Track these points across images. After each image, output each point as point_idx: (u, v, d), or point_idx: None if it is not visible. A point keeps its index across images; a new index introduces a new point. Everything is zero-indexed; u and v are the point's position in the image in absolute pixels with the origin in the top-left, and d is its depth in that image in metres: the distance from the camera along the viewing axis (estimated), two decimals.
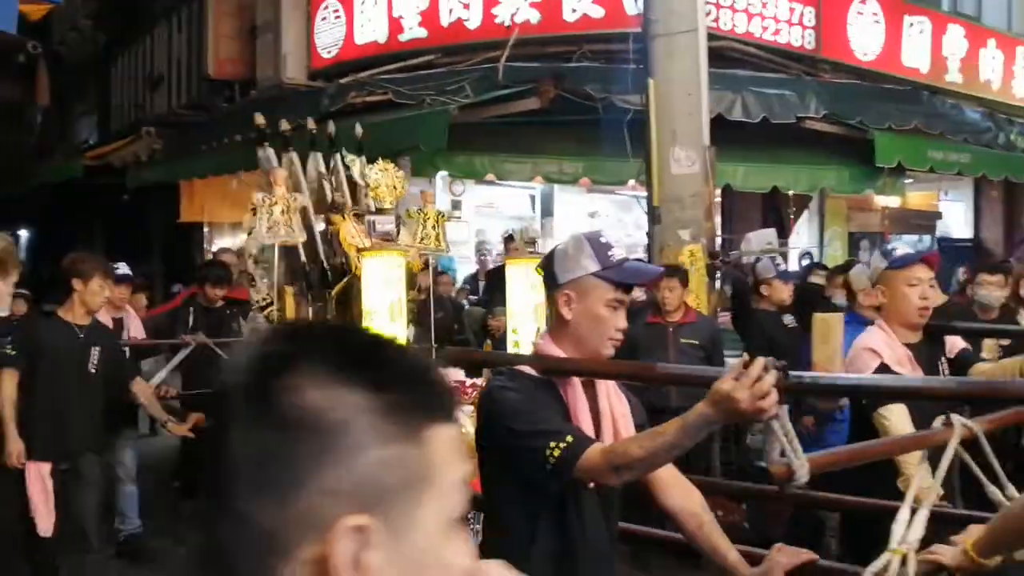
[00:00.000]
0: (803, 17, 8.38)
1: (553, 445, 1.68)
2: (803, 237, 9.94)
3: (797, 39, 8.37)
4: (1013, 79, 10.49)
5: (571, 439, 1.70)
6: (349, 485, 0.60)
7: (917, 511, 1.75)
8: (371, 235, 3.25)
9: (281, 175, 3.54)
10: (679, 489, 1.91)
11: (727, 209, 9.26)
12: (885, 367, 2.69)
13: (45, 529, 3.87)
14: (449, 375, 1.91)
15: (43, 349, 3.99)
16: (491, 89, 7.31)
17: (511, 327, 3.84)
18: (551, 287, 1.91)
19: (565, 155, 7.81)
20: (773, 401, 1.53)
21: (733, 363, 1.59)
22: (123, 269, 5.43)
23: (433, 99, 7.30)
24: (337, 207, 3.56)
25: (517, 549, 1.76)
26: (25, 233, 18.00)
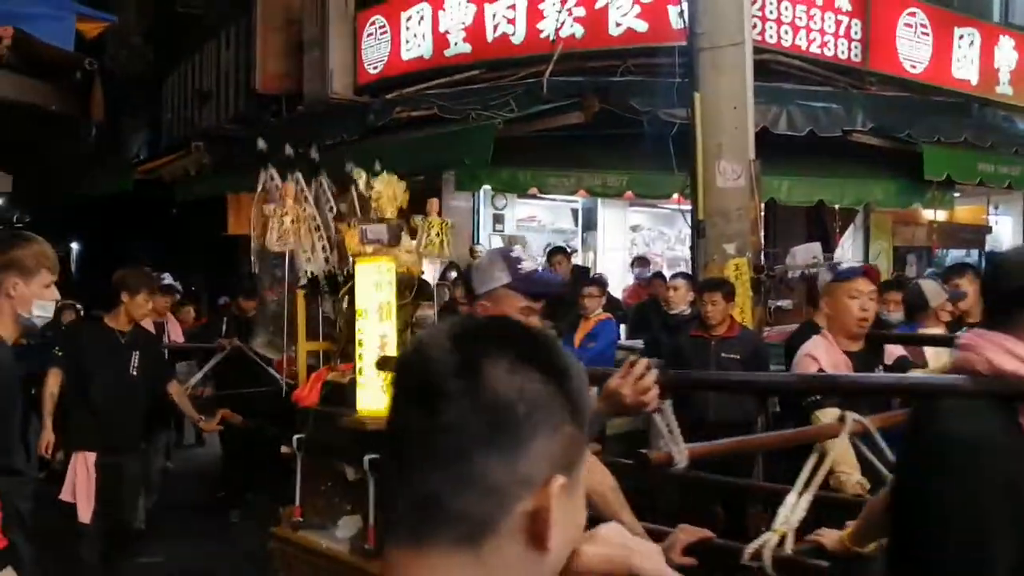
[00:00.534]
0: (850, 30, 8.30)
1: None
2: (848, 251, 9.80)
3: (844, 52, 8.29)
4: None
5: None
6: (557, 451, 0.74)
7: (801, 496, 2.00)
8: (363, 242, 3.45)
9: (290, 188, 3.83)
10: (590, 469, 2.10)
11: (770, 222, 9.16)
12: (822, 372, 2.88)
13: (84, 515, 4.17)
14: None
15: (87, 352, 4.36)
16: (535, 104, 7.36)
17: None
18: (470, 298, 2.15)
19: (609, 169, 7.82)
20: (654, 396, 1.74)
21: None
22: (167, 280, 5.92)
23: (478, 114, 7.37)
24: (344, 217, 3.75)
25: None
26: (76, 245, 18.50)
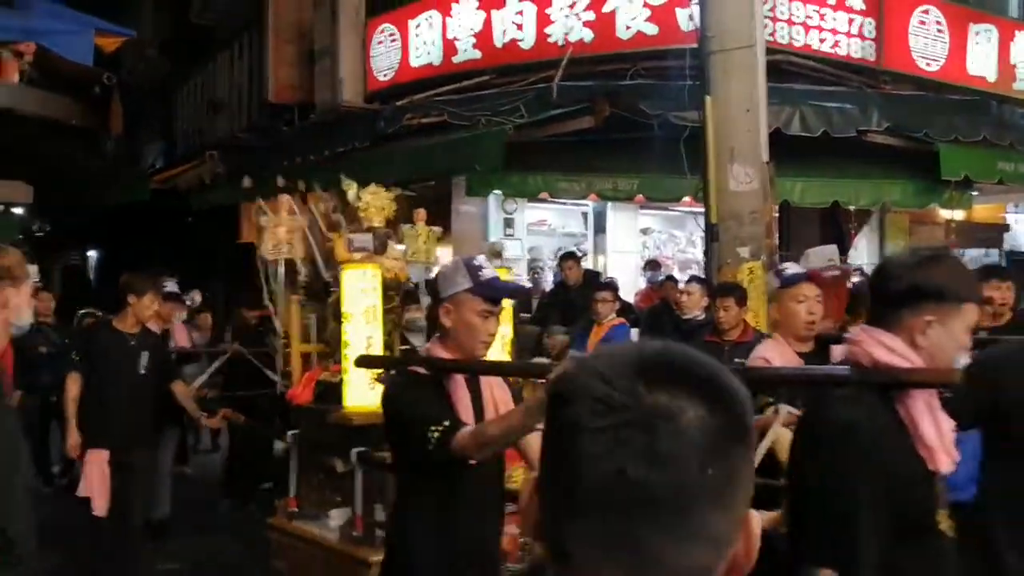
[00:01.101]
0: (863, 28, 8.20)
1: (433, 429, 2.06)
2: (863, 252, 9.69)
3: (857, 51, 8.20)
4: None
5: (447, 424, 2.08)
6: (751, 486, 0.72)
7: None
8: (350, 250, 3.63)
9: (284, 201, 4.14)
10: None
11: (784, 224, 9.08)
12: None
13: (100, 508, 4.36)
14: None
15: (100, 355, 4.55)
16: (545, 109, 7.33)
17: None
18: (435, 301, 2.30)
19: (619, 172, 7.79)
20: None
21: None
22: (171, 287, 6.17)
23: (488, 120, 7.36)
24: (335, 226, 3.87)
25: (417, 525, 2.19)
26: (94, 254, 18.69)
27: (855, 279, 6.35)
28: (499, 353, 3.74)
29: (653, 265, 8.94)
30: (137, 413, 4.56)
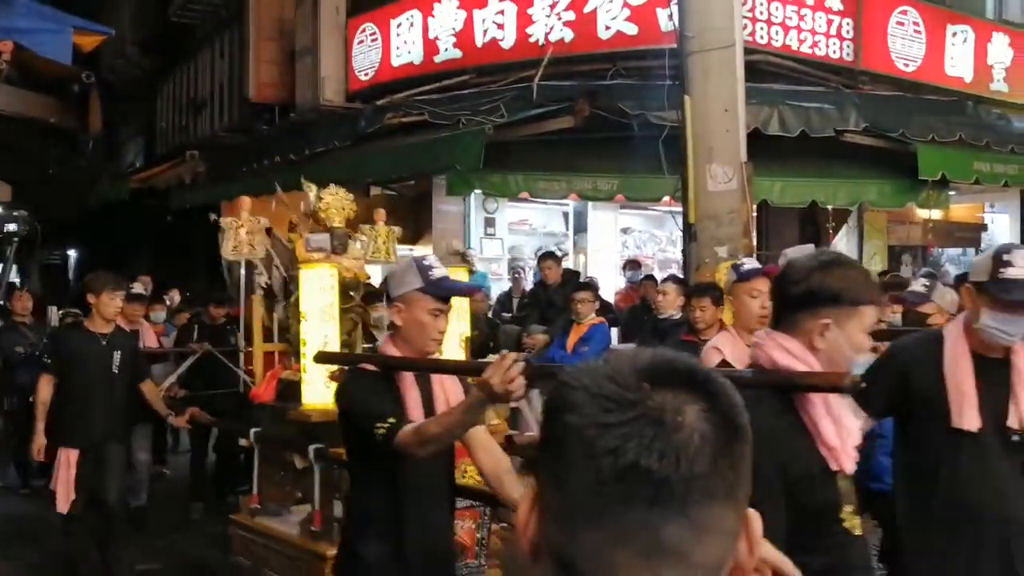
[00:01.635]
0: (841, 29, 8.27)
1: (380, 426, 2.12)
2: (842, 251, 9.75)
3: (836, 51, 8.26)
4: None
5: (393, 420, 2.13)
6: (749, 488, 0.72)
7: None
8: (308, 250, 3.72)
9: (246, 201, 4.15)
10: (488, 453, 2.36)
11: (762, 224, 9.13)
12: (725, 363, 3.13)
13: (62, 506, 4.46)
14: None
15: (73, 355, 4.63)
16: (526, 108, 7.34)
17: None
18: (387, 301, 2.35)
19: (599, 172, 7.80)
20: (520, 386, 1.90)
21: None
22: (137, 289, 6.25)
23: (468, 119, 7.36)
24: (295, 227, 4.04)
25: (366, 517, 2.26)
26: (74, 253, 18.53)
27: None
28: (458, 351, 3.76)
29: (633, 265, 8.97)
30: (110, 411, 4.61)
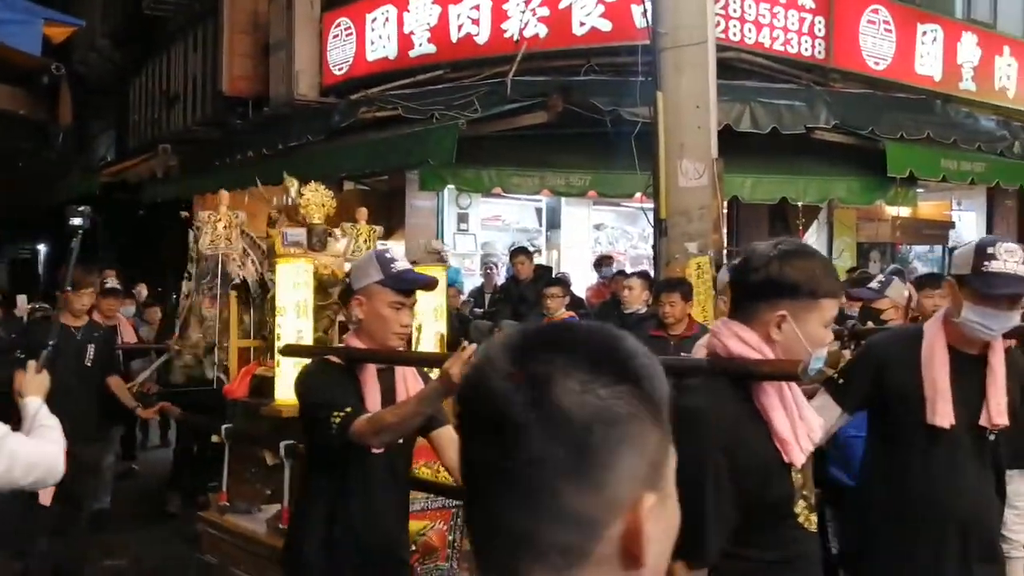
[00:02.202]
0: (813, 27, 8.34)
1: (336, 414, 2.12)
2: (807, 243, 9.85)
3: (807, 49, 8.33)
4: None
5: (349, 410, 2.13)
6: (644, 468, 0.69)
7: None
8: (284, 245, 3.72)
9: (224, 195, 4.14)
10: (456, 451, 2.25)
11: (732, 219, 9.21)
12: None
13: (45, 499, 4.30)
14: None
15: (43, 349, 4.35)
16: (499, 103, 7.34)
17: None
18: (349, 294, 2.34)
19: (572, 168, 7.82)
20: None
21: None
22: (111, 283, 6.19)
23: (442, 114, 7.35)
24: (273, 222, 3.94)
25: (313, 510, 2.24)
26: (44, 248, 18.28)
27: None
28: (432, 346, 3.76)
29: (605, 260, 9.01)
30: (83, 405, 4.59)
